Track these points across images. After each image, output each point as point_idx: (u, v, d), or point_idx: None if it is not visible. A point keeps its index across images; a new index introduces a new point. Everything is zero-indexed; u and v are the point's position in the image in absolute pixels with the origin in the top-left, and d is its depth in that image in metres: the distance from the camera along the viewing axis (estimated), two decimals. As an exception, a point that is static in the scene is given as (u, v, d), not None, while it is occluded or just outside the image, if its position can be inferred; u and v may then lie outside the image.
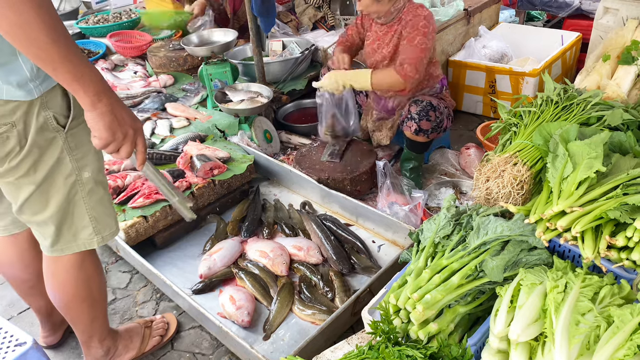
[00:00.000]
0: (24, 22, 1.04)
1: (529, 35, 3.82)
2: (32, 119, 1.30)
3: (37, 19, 1.05)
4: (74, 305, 1.64)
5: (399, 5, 2.53)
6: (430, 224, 1.70)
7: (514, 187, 1.69)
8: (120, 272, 2.45)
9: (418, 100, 2.56)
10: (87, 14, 5.03)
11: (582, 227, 1.46)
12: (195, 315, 2.07)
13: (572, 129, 1.72)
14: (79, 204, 1.46)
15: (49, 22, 1.07)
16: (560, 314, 1.28)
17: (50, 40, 1.08)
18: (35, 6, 1.04)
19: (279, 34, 4.02)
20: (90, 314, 1.69)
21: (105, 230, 1.55)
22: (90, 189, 1.47)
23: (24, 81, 1.25)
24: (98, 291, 1.69)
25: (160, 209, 2.38)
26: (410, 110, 2.55)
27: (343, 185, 2.69)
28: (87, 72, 1.17)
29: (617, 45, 2.56)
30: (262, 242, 2.40)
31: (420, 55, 2.42)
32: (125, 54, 4.20)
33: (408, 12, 2.52)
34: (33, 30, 1.05)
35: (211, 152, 2.72)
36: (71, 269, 1.56)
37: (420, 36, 2.44)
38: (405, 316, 1.45)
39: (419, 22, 2.45)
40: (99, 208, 1.50)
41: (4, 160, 1.33)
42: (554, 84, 2.13)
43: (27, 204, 1.42)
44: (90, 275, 1.62)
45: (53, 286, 1.62)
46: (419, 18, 2.46)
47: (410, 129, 2.56)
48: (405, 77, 2.42)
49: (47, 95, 1.31)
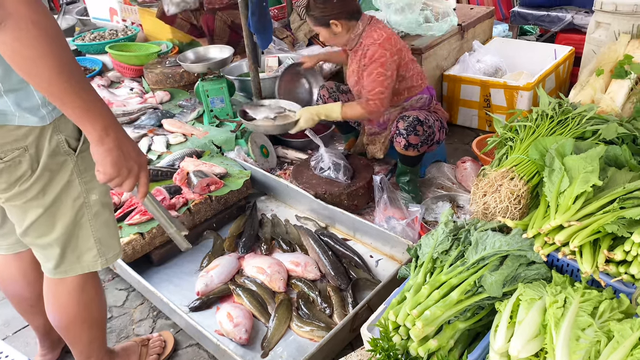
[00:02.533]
0: (36, 56, 1.04)
1: (522, 49, 3.86)
2: (44, 143, 1.29)
3: (49, 54, 1.05)
4: (74, 327, 1.62)
5: (359, 30, 2.57)
6: (429, 239, 1.70)
7: (511, 201, 1.70)
8: (117, 289, 2.43)
9: (405, 116, 2.57)
10: (83, 31, 5.05)
11: (579, 241, 1.46)
12: (193, 333, 2.05)
13: (568, 143, 1.73)
14: (84, 227, 1.45)
15: (60, 57, 1.07)
16: (560, 330, 1.28)
17: (61, 76, 1.08)
18: (48, 41, 1.04)
19: (274, 50, 4.04)
20: (89, 335, 1.67)
21: (110, 253, 1.54)
22: (96, 211, 1.46)
23: (37, 107, 1.25)
24: (98, 313, 1.67)
25: (157, 225, 2.37)
26: (398, 127, 2.57)
27: (340, 200, 2.69)
28: (95, 107, 1.16)
29: (610, 60, 2.59)
30: (259, 258, 2.39)
31: (380, 87, 2.48)
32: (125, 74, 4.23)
33: (367, 37, 2.54)
34: (45, 66, 1.05)
35: (208, 168, 2.72)
36: (73, 291, 1.54)
37: (378, 67, 2.46)
38: (404, 333, 1.44)
39: (376, 51, 2.46)
40: (103, 230, 1.49)
41: (14, 184, 1.32)
42: (548, 98, 2.15)
43: (33, 227, 1.40)
44: (91, 298, 1.60)
45: (54, 308, 1.60)
46: (375, 46, 2.47)
47: (399, 145, 2.58)
48: (370, 112, 2.54)
49: (59, 119, 1.31)
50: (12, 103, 1.22)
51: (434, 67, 3.43)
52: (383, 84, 2.48)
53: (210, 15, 4.13)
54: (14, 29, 1.00)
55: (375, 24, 2.56)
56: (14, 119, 1.24)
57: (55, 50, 1.06)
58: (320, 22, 2.54)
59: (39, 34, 1.03)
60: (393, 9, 3.43)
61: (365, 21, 2.57)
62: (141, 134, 3.23)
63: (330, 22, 2.51)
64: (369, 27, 2.56)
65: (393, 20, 3.42)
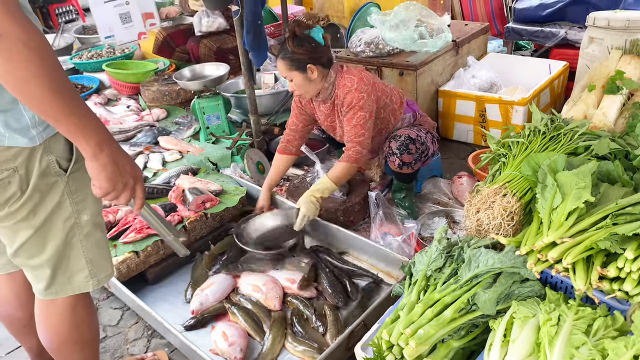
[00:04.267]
0: (28, 76, 1.05)
1: (517, 64, 3.89)
2: (34, 164, 1.29)
3: (41, 74, 1.06)
4: (65, 348, 1.60)
5: (331, 79, 2.48)
6: (422, 257, 1.70)
7: (504, 218, 1.70)
8: (112, 308, 2.41)
9: (397, 135, 2.58)
10: (81, 50, 5.09)
11: (573, 258, 1.46)
12: (187, 353, 2.03)
13: (560, 159, 1.73)
14: (76, 247, 1.44)
15: (52, 76, 1.08)
16: (554, 348, 1.27)
17: (54, 95, 1.09)
18: (39, 61, 1.06)
19: (270, 67, 4.07)
20: (81, 356, 1.65)
21: (101, 273, 1.53)
22: (88, 231, 1.45)
23: (26, 128, 1.25)
24: (90, 334, 1.65)
25: (151, 243, 2.36)
26: (390, 146, 2.58)
27: (336, 216, 2.68)
28: (89, 124, 1.18)
29: (602, 75, 2.61)
30: (254, 275, 2.37)
31: (361, 131, 2.42)
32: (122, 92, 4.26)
33: (339, 86, 2.47)
34: (37, 86, 1.07)
35: (203, 185, 2.72)
36: (64, 312, 1.52)
37: (358, 111, 2.41)
38: (398, 352, 1.43)
39: (353, 97, 2.41)
40: (95, 251, 1.48)
41: (3, 206, 1.31)
42: (540, 114, 2.16)
43: (23, 248, 1.39)
44: (83, 319, 1.58)
45: (45, 329, 1.58)
46: (352, 93, 2.41)
47: (394, 164, 2.59)
48: (354, 161, 2.44)
49: (50, 140, 1.30)
50: (1, 123, 1.22)
51: (429, 82, 3.46)
52: (365, 127, 2.43)
53: (195, 43, 4.19)
54: (5, 50, 1.01)
55: (344, 71, 2.50)
56: (3, 140, 1.23)
57: (47, 69, 1.07)
58: (296, 66, 2.40)
59: (31, 55, 1.04)
60: (388, 26, 3.46)
61: (337, 69, 2.50)
62: (137, 151, 3.24)
63: (307, 66, 2.39)
64: (339, 75, 2.48)
65: (388, 37, 3.45)
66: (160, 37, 4.38)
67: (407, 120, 2.72)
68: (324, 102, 2.58)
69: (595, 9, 3.70)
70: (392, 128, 2.70)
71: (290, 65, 2.41)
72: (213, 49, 4.14)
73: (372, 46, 3.49)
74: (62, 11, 7.22)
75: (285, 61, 2.42)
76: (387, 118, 2.64)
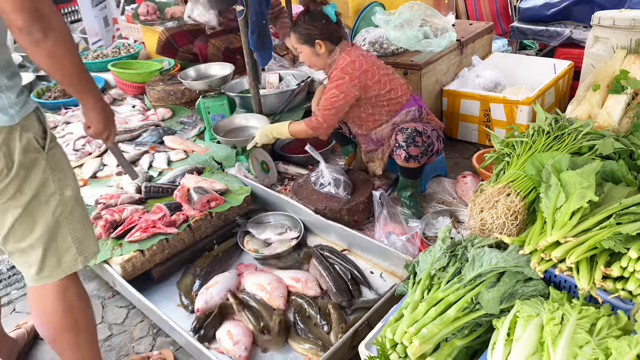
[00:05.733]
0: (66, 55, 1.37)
1: (521, 64, 3.88)
2: (15, 142, 1.38)
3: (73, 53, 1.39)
4: (61, 337, 1.64)
5: (334, 56, 2.62)
6: (426, 256, 1.70)
7: (507, 217, 1.70)
8: (117, 307, 2.43)
9: (403, 128, 2.60)
10: (86, 49, 5.12)
11: (576, 257, 1.46)
12: (193, 351, 2.05)
13: (564, 159, 1.73)
14: (62, 225, 1.52)
15: (77, 54, 1.41)
16: (558, 347, 1.28)
17: (79, 67, 1.42)
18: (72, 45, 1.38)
19: (275, 67, 4.08)
20: (77, 343, 1.68)
21: (87, 250, 1.61)
22: (72, 207, 1.54)
23: (4, 108, 1.36)
24: (84, 319, 1.68)
25: (157, 242, 2.38)
26: (397, 139, 2.59)
27: (340, 216, 2.69)
28: (93, 86, 1.52)
29: (607, 75, 2.60)
30: (259, 274, 2.39)
31: (327, 106, 2.58)
32: (127, 92, 4.28)
33: (336, 61, 2.60)
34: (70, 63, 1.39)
35: (208, 185, 2.74)
36: (56, 298, 1.58)
37: (333, 88, 2.55)
38: (402, 351, 1.44)
39: (336, 75, 2.55)
40: (80, 228, 1.57)
41: None
42: (545, 113, 2.16)
43: (13, 230, 1.46)
44: (75, 303, 1.63)
45: (39, 317, 1.63)
46: (337, 71, 2.55)
47: (400, 157, 2.59)
48: (312, 127, 2.65)
49: (25, 119, 1.42)
50: None
51: (433, 82, 3.46)
52: (334, 104, 2.57)
53: (204, 43, 4.20)
54: (56, 39, 1.31)
55: (345, 51, 2.58)
56: None
57: (75, 50, 1.39)
58: (305, 39, 2.59)
59: (69, 41, 1.36)
60: (392, 26, 3.47)
61: (342, 48, 2.60)
62: (142, 150, 3.25)
63: (315, 41, 2.56)
64: (339, 54, 2.59)
65: (392, 36, 3.46)
66: (164, 38, 4.39)
67: (411, 113, 2.72)
68: (326, 75, 2.73)
69: (601, 8, 3.70)
70: (395, 117, 2.71)
71: (300, 38, 2.60)
72: (221, 49, 4.16)
73: (376, 46, 3.49)
74: (68, 11, 7.24)
75: (296, 34, 2.61)
76: (379, 105, 2.68)
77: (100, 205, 2.64)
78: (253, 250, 2.57)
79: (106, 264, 2.33)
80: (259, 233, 2.67)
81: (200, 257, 2.56)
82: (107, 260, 2.33)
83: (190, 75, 3.51)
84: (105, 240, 2.39)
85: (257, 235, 2.66)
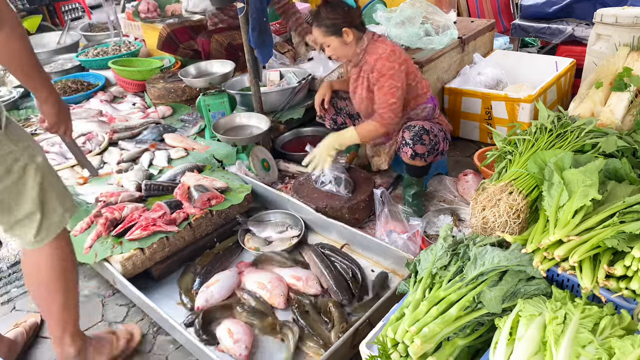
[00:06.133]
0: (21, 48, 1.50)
1: (523, 61, 3.86)
2: None
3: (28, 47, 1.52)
4: (49, 293, 1.77)
5: (363, 45, 2.57)
6: (427, 254, 1.69)
7: (510, 216, 1.69)
8: (117, 305, 2.42)
9: (411, 126, 2.59)
10: (87, 47, 5.10)
11: (579, 256, 1.45)
12: (193, 350, 2.04)
13: (567, 157, 1.72)
14: (47, 188, 1.66)
15: (31, 49, 1.54)
16: (560, 347, 1.27)
17: (34, 60, 1.56)
18: (26, 39, 1.51)
19: (276, 64, 4.06)
20: (65, 300, 1.80)
21: (68, 204, 1.76)
22: (48, 170, 1.68)
23: None
24: (72, 275, 1.82)
25: (157, 240, 2.37)
26: (404, 137, 2.58)
27: (341, 214, 2.68)
28: (47, 81, 1.64)
29: (610, 72, 2.59)
30: (260, 272, 2.38)
31: (392, 99, 2.51)
32: (128, 89, 4.27)
33: (370, 53, 2.55)
34: (25, 56, 1.52)
35: (209, 183, 2.73)
36: (50, 255, 1.72)
37: (389, 80, 2.49)
38: (403, 350, 1.43)
39: (384, 65, 2.48)
40: (58, 186, 1.72)
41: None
42: (547, 111, 2.15)
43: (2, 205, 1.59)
44: (66, 257, 1.78)
45: (35, 277, 1.75)
46: (382, 60, 2.48)
47: (406, 155, 2.58)
48: (385, 124, 2.55)
49: None
50: None
51: (434, 80, 3.44)
52: (395, 95, 2.50)
53: (207, 38, 4.18)
54: (9, 32, 1.44)
55: (378, 40, 2.58)
56: None
57: (29, 44, 1.52)
58: (332, 31, 2.50)
59: (22, 33, 1.49)
60: (393, 23, 3.45)
61: (370, 37, 2.58)
62: (143, 148, 3.24)
63: (342, 29, 2.49)
64: (371, 42, 2.57)
65: (394, 33, 3.44)
66: (165, 33, 4.37)
67: (427, 110, 2.73)
68: (354, 65, 2.66)
69: (603, 5, 3.68)
70: (411, 112, 2.71)
71: (326, 31, 2.50)
72: (224, 45, 4.14)
73: (377, 43, 3.48)
74: (69, 9, 7.23)
75: (321, 28, 2.50)
76: (407, 99, 2.66)
77: (100, 203, 2.63)
78: (254, 248, 2.56)
79: (106, 262, 2.32)
80: (259, 231, 2.66)
81: (201, 256, 2.56)
82: (107, 258, 2.32)
83: (191, 72, 3.50)
84: (105, 238, 2.38)
85: (258, 234, 2.66)
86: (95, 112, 3.80)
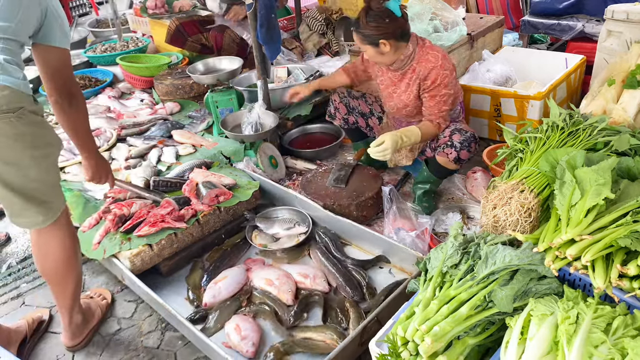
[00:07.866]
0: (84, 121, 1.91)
1: (532, 58, 3.83)
2: None
3: (87, 118, 1.92)
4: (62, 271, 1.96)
5: (409, 52, 2.54)
6: (438, 253, 1.68)
7: (521, 214, 1.67)
8: (126, 301, 2.43)
9: (463, 130, 2.56)
10: (95, 43, 5.11)
11: (592, 255, 1.44)
12: (201, 346, 2.04)
13: (579, 155, 1.70)
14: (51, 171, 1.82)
15: (88, 119, 1.93)
16: (573, 347, 1.26)
17: (88, 129, 1.95)
18: (86, 110, 1.90)
19: (283, 61, 4.06)
20: (75, 277, 2.01)
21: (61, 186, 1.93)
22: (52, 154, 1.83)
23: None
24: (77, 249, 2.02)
25: (165, 236, 2.37)
26: (452, 138, 2.54)
27: (349, 211, 2.67)
28: (94, 144, 2.04)
29: (622, 70, 2.56)
30: (267, 269, 2.38)
31: (445, 107, 2.57)
32: (135, 85, 4.27)
33: (420, 60, 2.53)
34: (85, 125, 1.92)
35: (217, 179, 2.73)
36: (58, 233, 1.89)
37: (443, 89, 2.51)
38: (413, 349, 1.42)
39: (438, 74, 2.48)
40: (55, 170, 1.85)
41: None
42: (559, 109, 2.12)
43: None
44: (71, 235, 1.97)
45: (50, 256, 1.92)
46: (437, 70, 2.48)
47: (447, 156, 2.55)
48: (438, 128, 2.61)
49: None
50: None
51: (443, 76, 3.42)
52: (447, 103, 2.56)
53: (220, 33, 4.17)
54: (79, 105, 1.83)
55: (426, 46, 2.56)
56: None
57: (87, 118, 1.92)
58: (369, 41, 2.48)
59: (85, 107, 1.87)
60: (402, 19, 3.42)
61: (415, 42, 2.56)
62: (151, 144, 3.24)
63: (379, 41, 2.46)
64: (419, 48, 2.55)
65: (402, 30, 3.42)
66: (173, 27, 4.37)
67: (457, 111, 2.74)
68: (394, 70, 2.65)
69: (614, 1, 3.63)
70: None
71: (363, 39, 2.51)
72: (237, 40, 4.14)
73: (386, 40, 3.46)
74: (76, 5, 7.25)
75: (359, 35, 2.52)
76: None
77: (109, 199, 2.63)
78: (261, 245, 2.56)
79: (115, 258, 2.33)
80: (267, 228, 2.66)
81: (209, 252, 2.56)
82: (115, 254, 2.33)
83: (199, 69, 3.49)
84: (114, 234, 2.39)
85: (266, 230, 2.65)
86: (103, 108, 3.80)
